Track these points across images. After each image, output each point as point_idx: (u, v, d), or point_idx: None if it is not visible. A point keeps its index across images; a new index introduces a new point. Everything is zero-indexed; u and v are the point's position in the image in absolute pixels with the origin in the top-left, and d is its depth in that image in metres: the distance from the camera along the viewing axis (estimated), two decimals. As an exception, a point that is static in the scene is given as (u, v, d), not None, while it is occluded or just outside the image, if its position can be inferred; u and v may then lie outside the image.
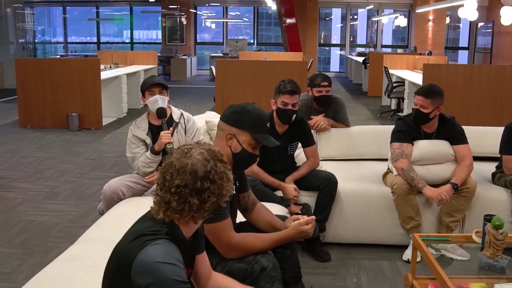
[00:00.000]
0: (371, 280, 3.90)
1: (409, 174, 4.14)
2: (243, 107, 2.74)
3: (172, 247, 1.87)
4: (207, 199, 1.92)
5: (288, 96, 4.16)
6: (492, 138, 4.90)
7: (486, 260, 3.20)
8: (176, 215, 1.93)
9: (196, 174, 1.90)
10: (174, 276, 1.79)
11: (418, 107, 4.23)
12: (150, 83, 4.21)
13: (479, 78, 8.58)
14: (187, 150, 1.96)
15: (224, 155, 2.60)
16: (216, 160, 1.97)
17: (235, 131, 2.69)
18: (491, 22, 18.57)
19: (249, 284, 2.62)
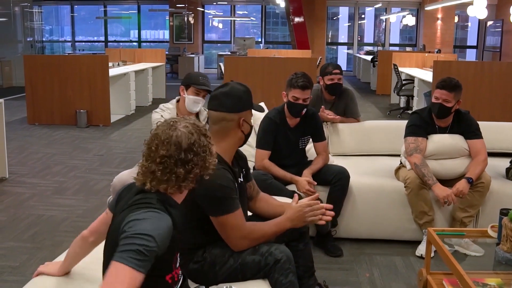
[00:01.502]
0: (383, 275, 3.85)
1: (421, 170, 4.08)
2: (238, 90, 2.69)
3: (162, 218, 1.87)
4: (191, 170, 1.98)
5: (299, 91, 4.09)
6: (506, 134, 4.85)
7: (503, 254, 3.14)
8: (163, 185, 1.96)
9: (180, 145, 1.95)
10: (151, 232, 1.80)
11: (441, 102, 4.16)
12: (201, 85, 4.06)
13: (490, 75, 8.51)
14: (173, 123, 2.01)
15: (236, 142, 2.68)
16: (200, 134, 2.02)
17: (243, 115, 2.69)
18: (500, 21, 18.47)
19: (262, 276, 2.59)
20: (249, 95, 2.72)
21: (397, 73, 11.23)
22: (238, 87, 2.71)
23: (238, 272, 2.59)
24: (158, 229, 1.82)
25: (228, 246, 2.63)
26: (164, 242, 1.83)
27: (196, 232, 2.64)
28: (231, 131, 2.68)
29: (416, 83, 10.58)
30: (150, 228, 1.81)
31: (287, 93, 4.17)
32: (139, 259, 1.75)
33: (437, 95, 4.19)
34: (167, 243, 1.86)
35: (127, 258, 1.74)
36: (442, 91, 4.16)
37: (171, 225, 1.88)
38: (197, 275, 2.61)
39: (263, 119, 4.28)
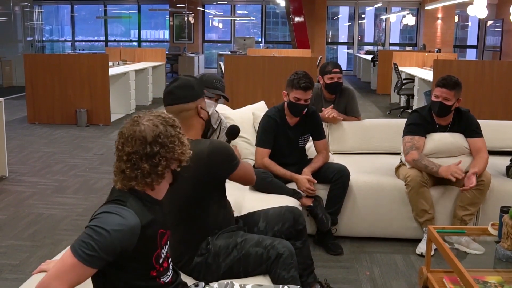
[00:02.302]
0: (384, 273, 3.85)
1: (421, 163, 4.08)
2: (191, 81, 2.78)
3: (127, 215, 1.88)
4: (159, 163, 1.95)
5: (301, 92, 4.05)
6: (506, 132, 4.85)
7: (503, 252, 3.14)
8: (132, 182, 1.96)
9: (145, 139, 1.93)
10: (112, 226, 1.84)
11: (441, 100, 4.15)
12: (216, 88, 4.06)
13: (490, 74, 8.50)
14: (136, 119, 2.00)
15: (198, 129, 2.75)
16: (167, 125, 2.00)
17: (199, 102, 2.74)
18: (501, 20, 18.47)
19: (264, 270, 2.61)
20: (200, 84, 2.79)
21: (397, 72, 11.23)
22: (188, 78, 2.80)
23: (240, 264, 2.61)
24: (118, 225, 1.84)
25: (232, 237, 2.67)
26: (127, 239, 1.85)
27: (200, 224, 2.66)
28: (193, 120, 2.72)
29: (416, 82, 10.59)
30: (110, 223, 1.84)
31: (288, 93, 4.14)
32: (88, 254, 1.80)
33: (437, 93, 4.18)
34: (133, 240, 1.87)
35: (78, 250, 1.80)
36: (442, 89, 4.15)
37: (137, 223, 1.88)
38: (200, 268, 2.62)
39: (262, 118, 4.28)
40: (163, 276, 2.06)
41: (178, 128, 2.04)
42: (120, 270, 1.92)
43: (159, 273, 2.04)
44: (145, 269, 1.98)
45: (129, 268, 1.94)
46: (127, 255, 1.88)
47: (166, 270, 2.09)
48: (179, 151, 1.99)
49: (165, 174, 2.00)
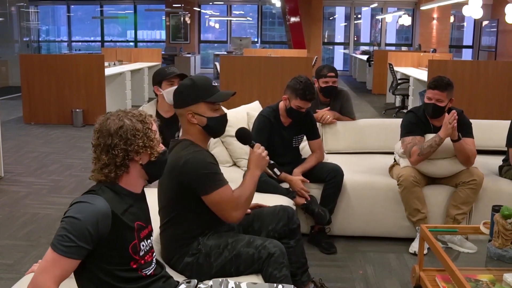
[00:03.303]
0: (377, 272, 3.88)
1: (425, 148, 4.05)
2: (183, 85, 2.75)
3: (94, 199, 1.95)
4: (117, 155, 2.00)
5: (305, 102, 4.08)
6: (498, 132, 4.86)
7: (495, 250, 3.16)
8: (96, 173, 2.04)
9: (108, 132, 2.00)
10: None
11: (434, 102, 4.15)
12: (172, 73, 4.13)
13: (485, 74, 8.54)
14: (107, 115, 2.07)
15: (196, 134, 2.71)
16: (136, 121, 2.05)
17: (191, 108, 2.69)
18: (496, 21, 18.51)
19: (256, 270, 2.63)
20: (194, 89, 2.70)
21: (392, 72, 11.27)
22: (185, 82, 2.77)
23: (232, 264, 2.63)
24: (88, 211, 1.90)
25: (223, 237, 2.68)
26: (99, 223, 1.90)
27: (187, 222, 2.68)
28: (188, 125, 2.73)
29: (411, 82, 10.62)
30: (80, 210, 1.90)
31: (290, 99, 4.12)
32: (66, 245, 1.85)
33: (430, 95, 4.18)
34: (106, 225, 1.93)
35: (56, 244, 1.86)
36: (435, 91, 4.15)
37: (107, 208, 1.94)
38: (191, 268, 2.64)
39: (257, 117, 4.30)
40: (145, 269, 2.10)
41: (148, 124, 2.08)
42: (99, 260, 1.96)
43: (140, 266, 2.07)
44: (123, 259, 2.02)
45: (107, 258, 1.98)
46: (104, 243, 1.93)
47: (148, 264, 2.13)
48: (141, 144, 2.03)
49: (125, 166, 2.04)
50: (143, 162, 2.07)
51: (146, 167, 2.09)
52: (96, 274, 1.98)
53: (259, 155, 2.77)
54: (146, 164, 2.08)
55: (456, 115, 3.97)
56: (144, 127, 2.05)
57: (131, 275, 2.05)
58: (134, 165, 2.06)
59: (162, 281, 2.20)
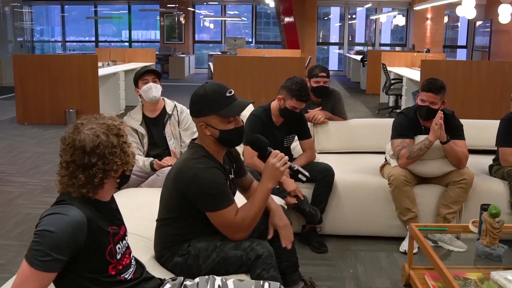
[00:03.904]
0: (368, 271, 3.90)
1: (414, 151, 4.09)
2: (196, 95, 2.63)
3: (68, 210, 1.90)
4: (95, 175, 1.93)
5: (300, 103, 4.14)
6: (489, 131, 4.90)
7: (483, 248, 3.20)
8: (69, 188, 1.95)
9: (83, 149, 1.91)
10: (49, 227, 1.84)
11: (428, 104, 4.17)
12: (143, 71, 4.28)
13: (478, 74, 8.59)
14: (78, 126, 1.97)
15: (211, 144, 2.63)
16: (110, 135, 1.96)
17: (204, 120, 2.60)
18: (489, 21, 18.58)
19: (244, 271, 2.64)
20: (205, 100, 2.59)
21: (385, 72, 11.31)
22: (198, 91, 2.66)
23: (220, 266, 2.63)
24: (62, 223, 1.85)
25: (212, 241, 2.67)
26: (75, 234, 1.86)
27: (184, 225, 2.69)
28: (201, 135, 2.68)
29: (404, 82, 10.66)
30: (54, 223, 1.85)
31: (285, 99, 4.16)
32: (43, 260, 1.81)
33: (424, 97, 4.20)
34: (82, 234, 1.89)
35: (32, 259, 1.82)
36: (429, 93, 4.17)
37: (82, 217, 1.90)
38: (181, 268, 2.66)
39: (249, 117, 4.32)
40: (124, 273, 2.09)
41: (123, 137, 2.01)
42: (77, 268, 1.93)
43: (118, 271, 2.06)
44: (101, 265, 2.00)
45: (85, 265, 1.95)
46: (81, 250, 1.89)
47: (127, 267, 2.11)
48: (119, 163, 1.98)
49: (103, 185, 1.99)
50: (117, 175, 2.04)
51: (119, 179, 2.07)
52: (75, 281, 1.96)
53: (273, 166, 2.64)
54: (119, 177, 2.06)
55: (441, 115, 4.01)
56: (120, 142, 1.99)
57: (110, 280, 2.03)
58: (110, 180, 2.03)
59: (144, 282, 2.19)
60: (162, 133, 4.30)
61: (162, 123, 4.33)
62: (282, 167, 2.64)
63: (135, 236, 2.83)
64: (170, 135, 4.30)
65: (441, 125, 4.02)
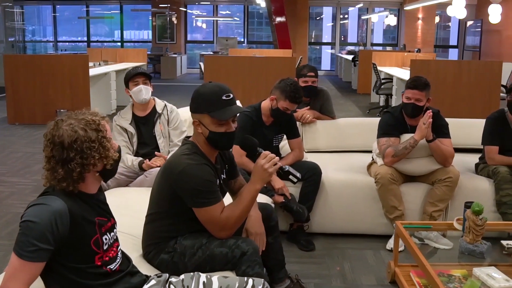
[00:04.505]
0: (354, 268, 3.94)
1: (400, 150, 4.15)
2: (196, 92, 2.71)
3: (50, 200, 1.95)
4: (74, 169, 1.97)
5: (293, 105, 4.20)
6: (475, 130, 4.95)
7: (466, 245, 3.25)
8: (52, 182, 2.01)
9: (62, 145, 1.96)
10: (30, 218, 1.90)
11: (413, 101, 4.21)
12: (134, 73, 4.31)
13: (468, 73, 8.65)
14: (58, 122, 2.02)
15: (202, 142, 2.69)
16: (89, 130, 2.01)
17: (198, 117, 2.67)
18: (480, 21, 18.68)
19: (230, 268, 2.67)
20: (201, 99, 2.67)
21: (376, 72, 11.35)
22: (199, 88, 2.73)
23: (206, 264, 2.67)
24: (44, 212, 1.90)
25: (198, 238, 2.70)
26: (58, 223, 1.91)
27: (171, 222, 2.72)
28: (195, 132, 2.74)
29: (394, 82, 10.71)
30: (36, 213, 1.90)
31: (278, 100, 4.21)
32: (30, 250, 1.86)
33: (409, 95, 4.25)
34: (64, 223, 1.93)
35: (19, 251, 1.87)
36: (414, 91, 4.22)
37: (63, 206, 1.94)
38: (167, 265, 2.69)
39: (239, 116, 4.33)
40: (110, 265, 2.13)
41: (102, 132, 2.05)
42: (63, 259, 1.98)
43: (104, 262, 2.10)
44: (87, 255, 2.04)
45: (71, 256, 1.99)
46: (66, 240, 1.94)
47: (113, 259, 2.15)
48: (97, 157, 2.02)
49: (83, 179, 2.03)
50: (98, 169, 2.07)
51: (101, 173, 2.10)
52: (62, 272, 2.00)
53: (261, 167, 2.63)
54: (101, 171, 2.09)
55: (431, 115, 4.06)
56: (98, 136, 2.02)
57: (96, 271, 2.06)
58: (91, 174, 2.06)
59: (129, 276, 2.22)
60: (151, 132, 4.34)
61: (152, 122, 4.37)
62: (270, 169, 2.64)
63: (122, 234, 2.84)
64: (160, 134, 4.34)
65: (429, 124, 4.07)
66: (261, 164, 2.63)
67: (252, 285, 2.33)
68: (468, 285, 3.12)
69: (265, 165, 2.63)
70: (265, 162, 2.63)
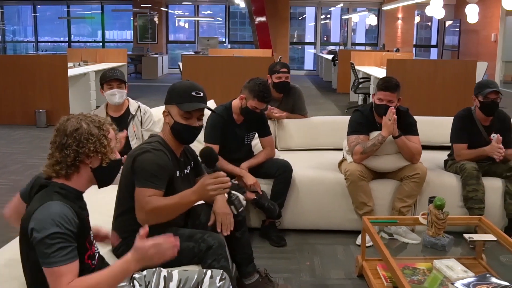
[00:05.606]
0: (324, 263, 4.03)
1: (368, 147, 4.23)
2: (171, 86, 2.92)
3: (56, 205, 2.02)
4: (68, 155, 2.11)
5: (262, 104, 4.27)
6: (444, 128, 5.04)
7: (428, 239, 3.34)
8: (48, 169, 2.14)
9: (64, 132, 2.13)
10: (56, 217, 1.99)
11: (386, 103, 4.28)
12: (109, 78, 4.38)
13: (443, 73, 8.80)
14: (70, 117, 2.19)
15: (167, 133, 2.85)
16: (93, 126, 2.16)
17: (168, 108, 2.88)
18: (459, 21, 18.90)
19: (196, 262, 2.75)
20: (173, 91, 2.88)
21: (354, 71, 11.46)
22: (176, 84, 2.93)
23: (175, 258, 2.73)
24: (58, 217, 1.99)
25: (164, 233, 2.75)
26: (70, 221, 2.01)
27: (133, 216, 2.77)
28: (164, 122, 2.93)
29: (372, 81, 10.82)
30: (50, 223, 1.97)
31: (247, 99, 4.27)
32: (64, 254, 1.96)
33: (381, 96, 4.32)
34: (74, 221, 2.03)
35: (57, 260, 1.95)
36: (386, 92, 4.29)
37: (63, 206, 2.03)
38: None
39: (210, 115, 4.40)
40: (93, 260, 2.23)
41: (104, 131, 2.18)
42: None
43: (90, 257, 2.19)
44: (82, 252, 2.12)
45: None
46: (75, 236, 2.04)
47: (94, 255, 2.25)
48: (92, 149, 2.13)
49: (75, 167, 2.14)
50: (93, 166, 2.17)
51: (95, 171, 2.18)
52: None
53: (205, 185, 2.60)
54: (96, 168, 2.18)
55: (394, 111, 4.15)
56: (99, 133, 2.15)
57: (85, 267, 2.14)
58: (85, 167, 2.16)
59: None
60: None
61: (125, 123, 4.43)
62: (212, 192, 2.61)
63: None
64: (133, 135, 4.40)
65: (395, 120, 4.16)
66: (207, 183, 2.60)
67: (211, 276, 2.41)
68: (431, 277, 3.21)
69: (209, 186, 2.59)
70: (212, 183, 2.60)
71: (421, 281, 3.19)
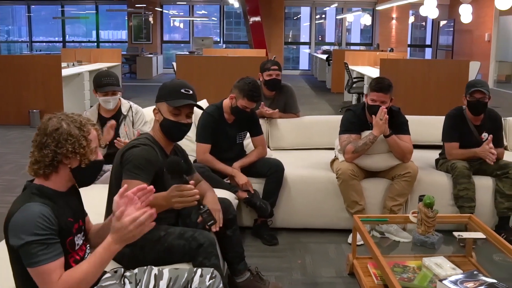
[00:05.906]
0: (315, 261, 4.05)
1: (360, 146, 4.26)
2: (162, 84, 2.98)
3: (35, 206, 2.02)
4: (46, 155, 2.10)
5: (251, 103, 4.29)
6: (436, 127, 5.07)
7: (418, 237, 3.37)
8: (29, 169, 2.15)
9: (44, 131, 2.12)
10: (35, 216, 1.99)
11: (379, 103, 4.29)
12: (104, 86, 4.37)
13: (436, 72, 8.84)
14: (52, 116, 2.18)
15: (156, 130, 2.90)
16: (73, 126, 2.15)
17: (158, 105, 2.93)
18: (452, 20, 18.96)
19: (187, 260, 2.77)
20: (163, 88, 2.94)
21: (348, 71, 11.49)
22: (167, 82, 2.99)
23: (165, 256, 2.76)
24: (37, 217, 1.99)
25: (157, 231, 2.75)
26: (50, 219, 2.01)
27: None
28: (154, 120, 2.97)
29: (366, 81, 10.85)
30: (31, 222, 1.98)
31: (237, 99, 4.30)
32: (50, 251, 1.97)
33: (374, 97, 4.32)
34: (54, 219, 2.03)
35: (41, 259, 1.96)
36: (379, 93, 4.30)
37: (42, 206, 2.03)
38: (128, 259, 2.75)
39: (201, 114, 4.43)
40: (78, 261, 2.19)
41: (84, 132, 2.16)
42: None
43: (77, 262, 2.17)
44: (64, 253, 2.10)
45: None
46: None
47: (82, 259, 2.23)
48: (71, 150, 2.11)
49: (53, 167, 2.13)
50: (72, 166, 2.16)
51: (74, 171, 2.17)
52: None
53: (169, 197, 2.60)
54: (75, 169, 2.17)
55: (385, 110, 4.18)
56: (79, 134, 2.14)
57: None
58: (64, 167, 2.15)
59: None
60: (116, 133, 4.40)
61: (117, 123, 4.44)
62: (178, 204, 2.60)
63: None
64: (124, 135, 4.41)
65: (386, 119, 4.19)
66: (172, 195, 2.59)
67: (201, 274, 2.43)
68: (421, 275, 3.24)
69: (175, 198, 2.59)
70: (177, 195, 2.58)
71: (411, 279, 3.21)
